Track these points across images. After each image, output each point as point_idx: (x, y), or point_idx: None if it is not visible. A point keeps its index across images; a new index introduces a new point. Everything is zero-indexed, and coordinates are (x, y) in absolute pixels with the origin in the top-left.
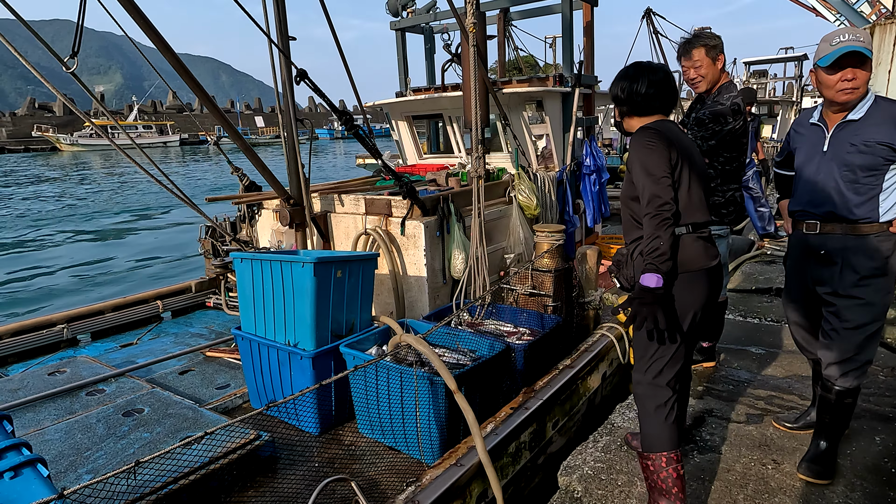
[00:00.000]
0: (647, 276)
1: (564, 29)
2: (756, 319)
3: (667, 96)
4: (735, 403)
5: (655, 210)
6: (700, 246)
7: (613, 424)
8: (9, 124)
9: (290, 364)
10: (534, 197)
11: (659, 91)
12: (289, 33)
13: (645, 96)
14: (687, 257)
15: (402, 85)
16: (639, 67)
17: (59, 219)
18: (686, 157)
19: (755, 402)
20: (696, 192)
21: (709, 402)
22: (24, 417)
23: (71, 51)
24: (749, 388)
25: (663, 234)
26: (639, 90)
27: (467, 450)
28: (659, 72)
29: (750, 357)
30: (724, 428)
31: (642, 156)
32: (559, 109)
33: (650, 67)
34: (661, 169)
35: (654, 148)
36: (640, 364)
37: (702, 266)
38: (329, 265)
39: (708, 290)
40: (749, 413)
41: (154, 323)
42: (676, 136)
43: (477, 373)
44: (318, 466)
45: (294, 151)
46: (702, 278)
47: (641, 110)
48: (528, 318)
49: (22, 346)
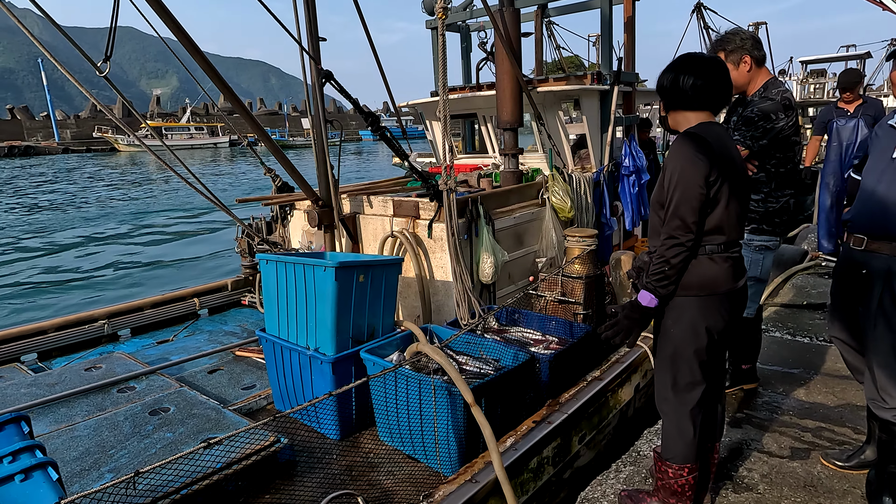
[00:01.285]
0: (644, 295)
1: (603, 24)
2: (806, 339)
3: (718, 91)
4: (778, 434)
5: (674, 232)
6: (728, 267)
7: (639, 453)
8: (73, 126)
9: (311, 368)
10: (568, 199)
11: (709, 84)
12: (319, 35)
13: (693, 88)
14: (712, 278)
15: (437, 84)
16: (689, 58)
17: (110, 215)
18: (729, 171)
19: (801, 435)
20: (734, 209)
21: (748, 432)
22: (59, 413)
23: (104, 55)
24: (795, 416)
25: (673, 261)
26: (686, 81)
27: (484, 465)
28: (711, 63)
29: (797, 381)
30: (763, 463)
31: (679, 166)
32: (597, 108)
33: (702, 58)
34: (695, 187)
35: (694, 162)
36: (664, 383)
37: (728, 289)
38: (351, 270)
39: (730, 314)
40: (794, 447)
41: (191, 320)
42: (722, 147)
43: (497, 384)
44: (337, 473)
45: (323, 152)
46: (725, 301)
47: (688, 103)
48: (556, 326)
49: (65, 340)
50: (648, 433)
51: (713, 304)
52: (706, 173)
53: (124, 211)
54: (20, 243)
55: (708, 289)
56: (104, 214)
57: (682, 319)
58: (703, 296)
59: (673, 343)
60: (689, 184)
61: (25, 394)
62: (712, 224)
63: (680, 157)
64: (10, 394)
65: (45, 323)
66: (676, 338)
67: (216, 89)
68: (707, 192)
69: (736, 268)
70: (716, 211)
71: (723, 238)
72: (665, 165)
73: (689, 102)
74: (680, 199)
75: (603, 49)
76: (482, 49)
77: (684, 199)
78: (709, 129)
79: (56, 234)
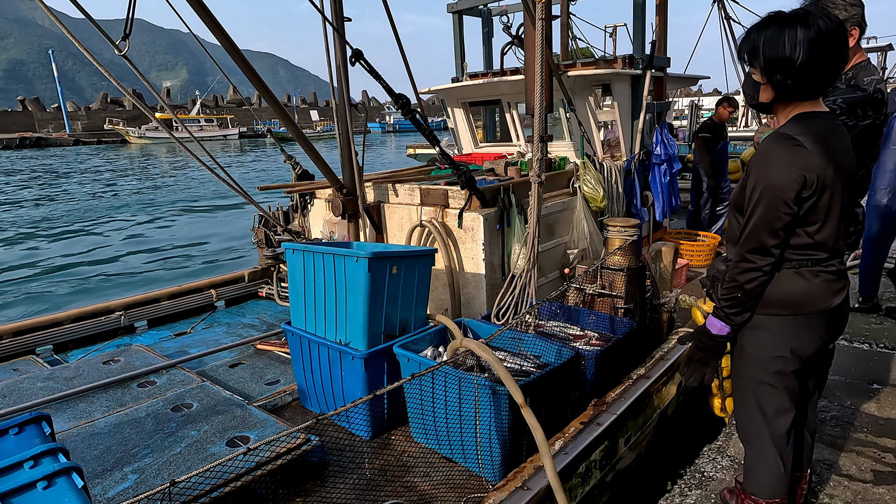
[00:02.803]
0: (713, 322)
1: (636, 6)
2: (865, 345)
3: (833, 73)
4: (855, 455)
5: (750, 255)
6: (820, 283)
7: (703, 474)
8: (83, 118)
9: (341, 363)
10: (600, 188)
11: (824, 63)
12: (344, 14)
13: (803, 71)
14: (798, 296)
15: (459, 70)
16: (792, 18)
17: (122, 207)
18: (834, 179)
19: (881, 455)
20: (834, 222)
21: (821, 451)
22: (77, 408)
23: (123, 33)
24: (871, 434)
25: (748, 286)
26: (791, 59)
27: (534, 470)
28: (827, 26)
29: (865, 393)
30: (843, 487)
31: (764, 179)
32: (628, 94)
33: (810, 18)
34: (780, 207)
35: (783, 176)
36: (746, 408)
37: (822, 307)
38: (384, 260)
39: (826, 335)
40: (876, 469)
41: (208, 312)
42: (827, 148)
43: (544, 383)
44: (370, 476)
45: (348, 139)
46: (818, 322)
47: (790, 93)
48: (597, 321)
49: (81, 332)
50: (710, 451)
51: (800, 325)
52: (797, 190)
53: (138, 202)
54: (40, 233)
55: (793, 308)
56: (120, 206)
57: (761, 341)
58: (785, 315)
59: (749, 366)
60: (772, 202)
61: (42, 388)
62: (804, 240)
63: (767, 166)
64: (27, 388)
65: (61, 314)
66: (753, 360)
67: (225, 82)
68: (797, 211)
69: (832, 283)
70: (811, 227)
71: (816, 254)
72: (749, 168)
73: (792, 92)
74: (760, 218)
75: (635, 32)
76: (507, 33)
77: (765, 221)
78: (811, 124)
79: (67, 225)
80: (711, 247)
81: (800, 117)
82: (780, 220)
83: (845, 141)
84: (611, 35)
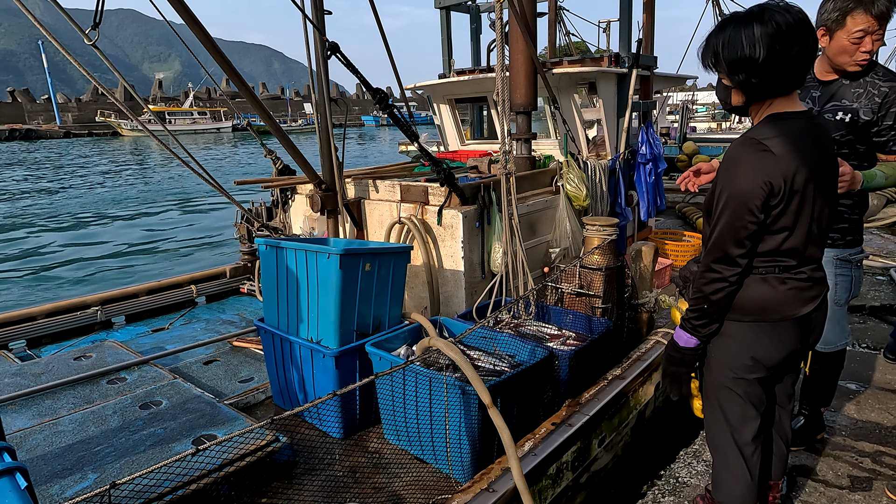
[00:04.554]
0: (680, 334)
1: (623, 4)
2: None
3: (800, 66)
4: (832, 459)
5: (715, 266)
6: (786, 290)
7: (678, 479)
8: (74, 110)
9: (313, 361)
10: (583, 187)
11: (787, 56)
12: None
13: (766, 68)
14: (762, 303)
15: (445, 66)
16: (748, 16)
17: (109, 201)
18: (808, 184)
19: (859, 460)
20: (803, 229)
21: (799, 456)
22: (43, 405)
23: (93, 22)
24: (849, 438)
25: (713, 297)
26: (752, 58)
27: (501, 472)
28: (786, 19)
29: (845, 395)
30: (820, 494)
31: (730, 186)
32: (614, 92)
33: (766, 14)
34: (746, 215)
35: (748, 183)
36: (713, 415)
37: (787, 315)
38: (357, 257)
39: (797, 343)
40: (853, 475)
41: (187, 308)
42: (800, 153)
43: (515, 383)
44: (340, 476)
45: (327, 133)
46: (787, 329)
47: (760, 92)
48: (574, 321)
49: (56, 327)
50: (686, 455)
51: (763, 333)
52: (763, 198)
53: (123, 195)
54: (19, 224)
55: (755, 314)
56: (102, 199)
57: (725, 346)
58: (747, 321)
59: (713, 371)
60: (737, 211)
61: (9, 384)
62: (773, 246)
63: (732, 174)
64: None
65: (35, 309)
66: (717, 366)
67: (219, 73)
68: (763, 220)
69: (802, 291)
70: (779, 235)
71: (784, 261)
72: (718, 174)
73: (760, 91)
74: (725, 227)
75: (622, 30)
76: (493, 29)
77: (730, 229)
78: (782, 126)
79: (50, 217)
80: (696, 247)
81: (771, 119)
82: (746, 230)
83: (822, 141)
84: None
